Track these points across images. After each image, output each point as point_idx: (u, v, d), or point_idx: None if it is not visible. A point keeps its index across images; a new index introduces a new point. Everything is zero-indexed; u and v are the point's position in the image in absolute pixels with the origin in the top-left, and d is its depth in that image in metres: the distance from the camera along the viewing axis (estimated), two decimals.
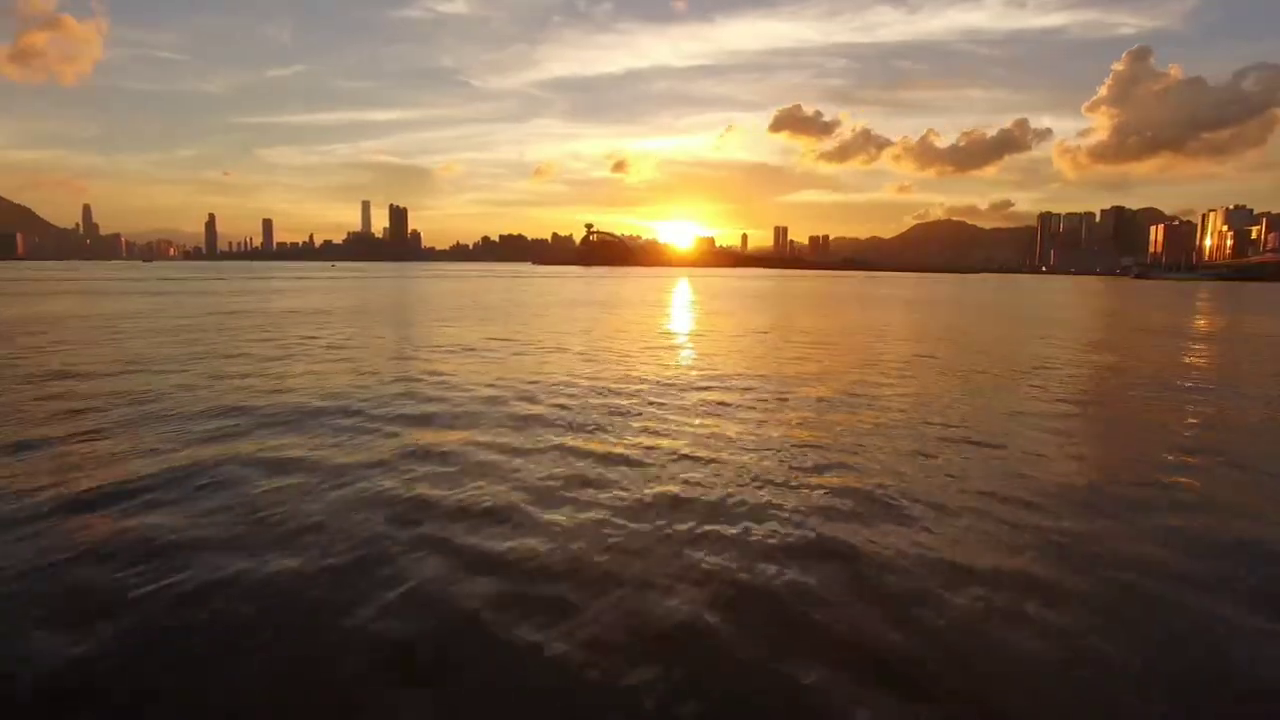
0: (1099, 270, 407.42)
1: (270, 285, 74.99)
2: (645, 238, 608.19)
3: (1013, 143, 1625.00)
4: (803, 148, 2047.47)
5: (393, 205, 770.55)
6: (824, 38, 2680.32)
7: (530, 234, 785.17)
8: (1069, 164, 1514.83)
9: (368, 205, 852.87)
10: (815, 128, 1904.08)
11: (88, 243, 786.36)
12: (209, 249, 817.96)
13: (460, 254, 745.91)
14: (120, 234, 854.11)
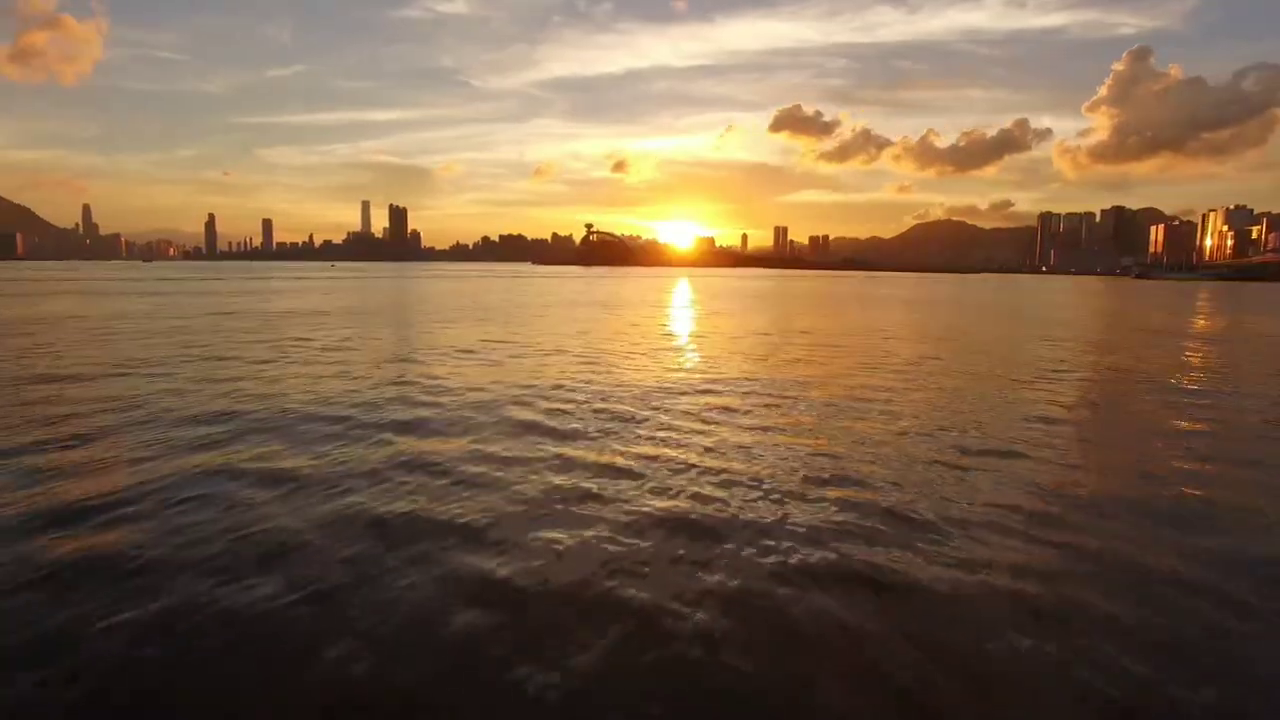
0: (1099, 270, 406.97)
1: (268, 285, 74.49)
2: (645, 238, 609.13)
3: (1013, 143, 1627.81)
4: (803, 148, 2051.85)
5: (392, 205, 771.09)
6: (824, 38, 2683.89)
7: (530, 234, 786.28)
8: (1069, 164, 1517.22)
9: (368, 205, 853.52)
10: (815, 128, 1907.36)
11: (87, 243, 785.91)
12: (209, 249, 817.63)
13: (460, 254, 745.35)
14: (120, 234, 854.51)
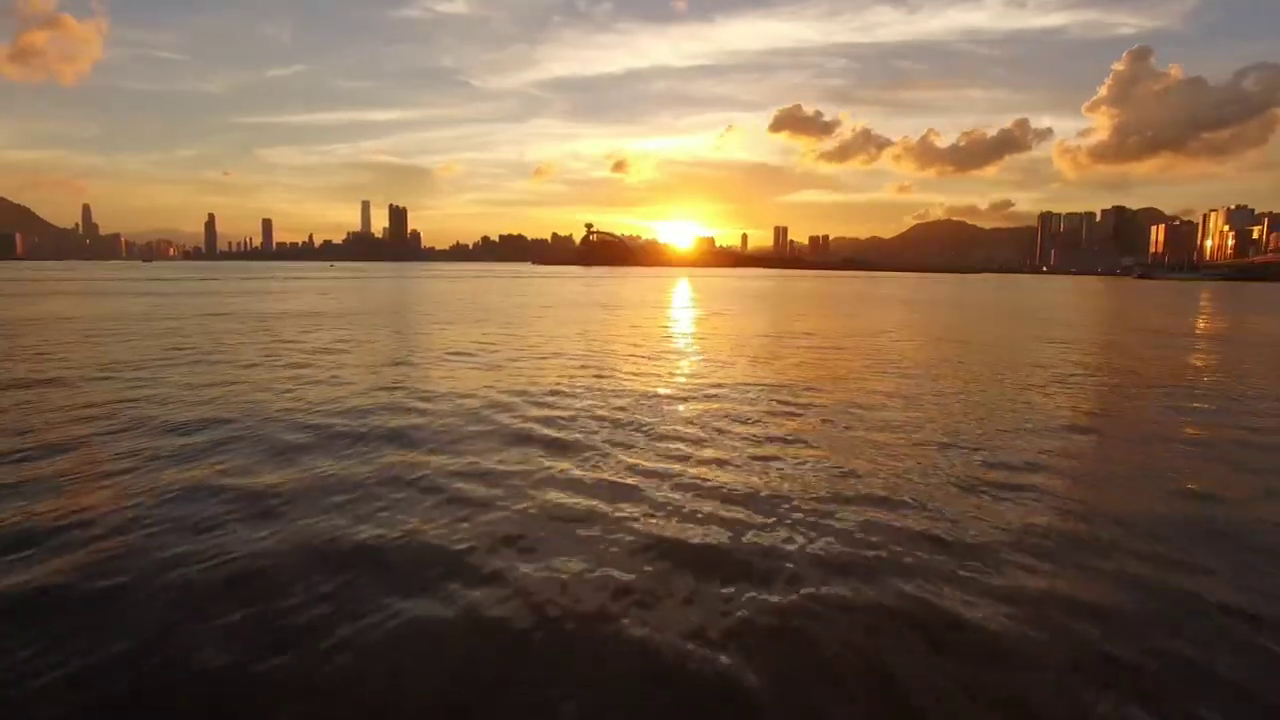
0: (1100, 270, 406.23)
1: (266, 286, 73.82)
2: (645, 238, 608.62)
3: (1013, 143, 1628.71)
4: (803, 148, 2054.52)
5: (392, 205, 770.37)
6: (824, 38, 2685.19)
7: (530, 234, 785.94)
8: (1069, 164, 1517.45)
9: (367, 205, 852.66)
10: (815, 128, 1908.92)
11: (87, 243, 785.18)
12: (209, 249, 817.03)
13: (460, 254, 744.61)
14: (120, 234, 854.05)
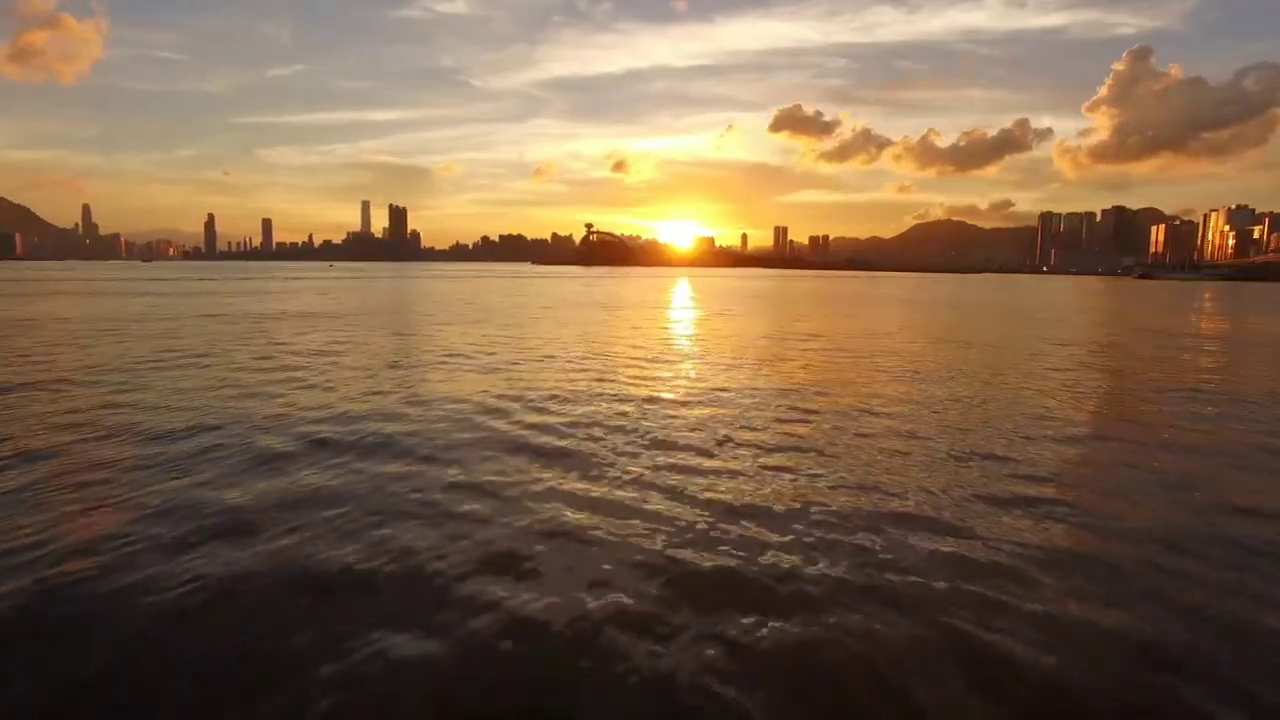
0: (1100, 270, 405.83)
1: (265, 286, 73.33)
2: (645, 238, 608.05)
3: (1013, 143, 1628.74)
4: (803, 148, 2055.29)
5: (392, 205, 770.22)
6: (824, 38, 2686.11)
7: (530, 234, 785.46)
8: (1069, 164, 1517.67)
9: (367, 205, 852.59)
10: (815, 128, 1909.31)
11: (87, 243, 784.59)
12: (208, 249, 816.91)
13: (460, 254, 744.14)
14: (120, 234, 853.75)
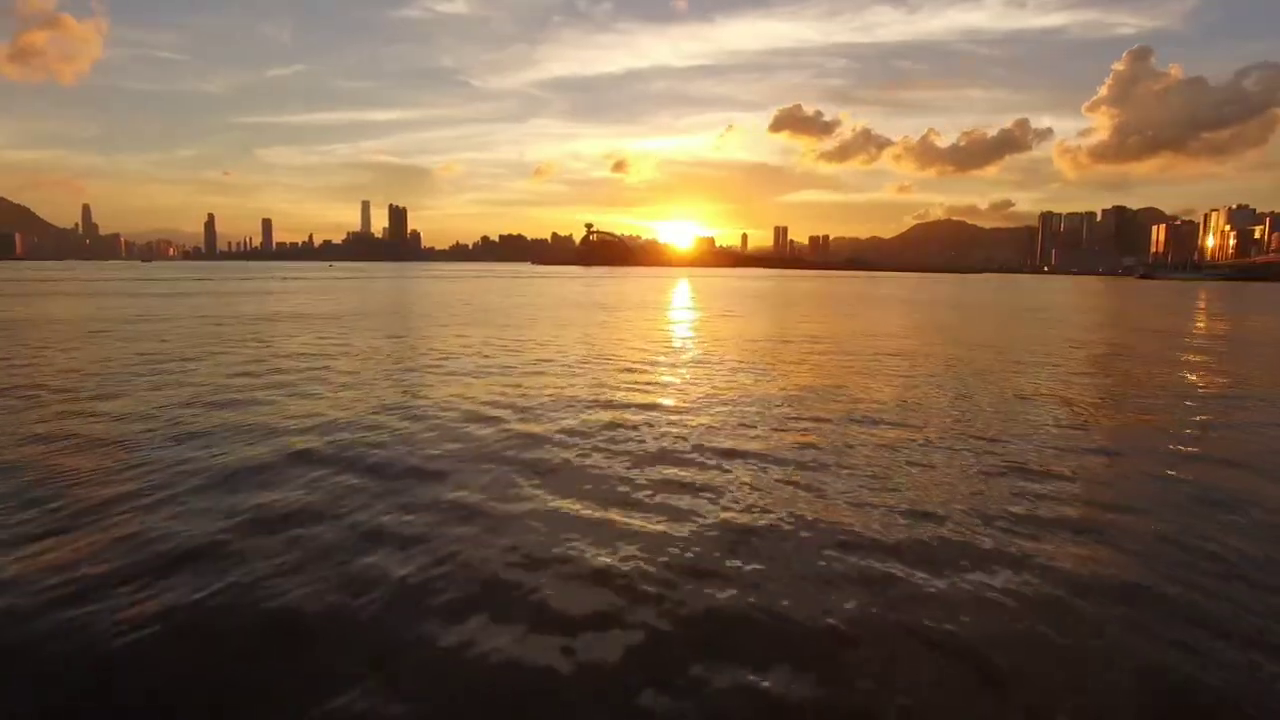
0: (1101, 270, 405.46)
1: (264, 286, 72.81)
2: (645, 238, 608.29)
3: (1013, 143, 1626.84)
4: (803, 148, 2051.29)
5: (392, 205, 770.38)
6: (824, 38, 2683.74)
7: (530, 234, 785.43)
8: (1069, 164, 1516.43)
9: (367, 205, 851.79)
10: (815, 128, 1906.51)
11: (87, 243, 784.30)
12: (208, 249, 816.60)
13: (460, 254, 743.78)
14: (120, 234, 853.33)
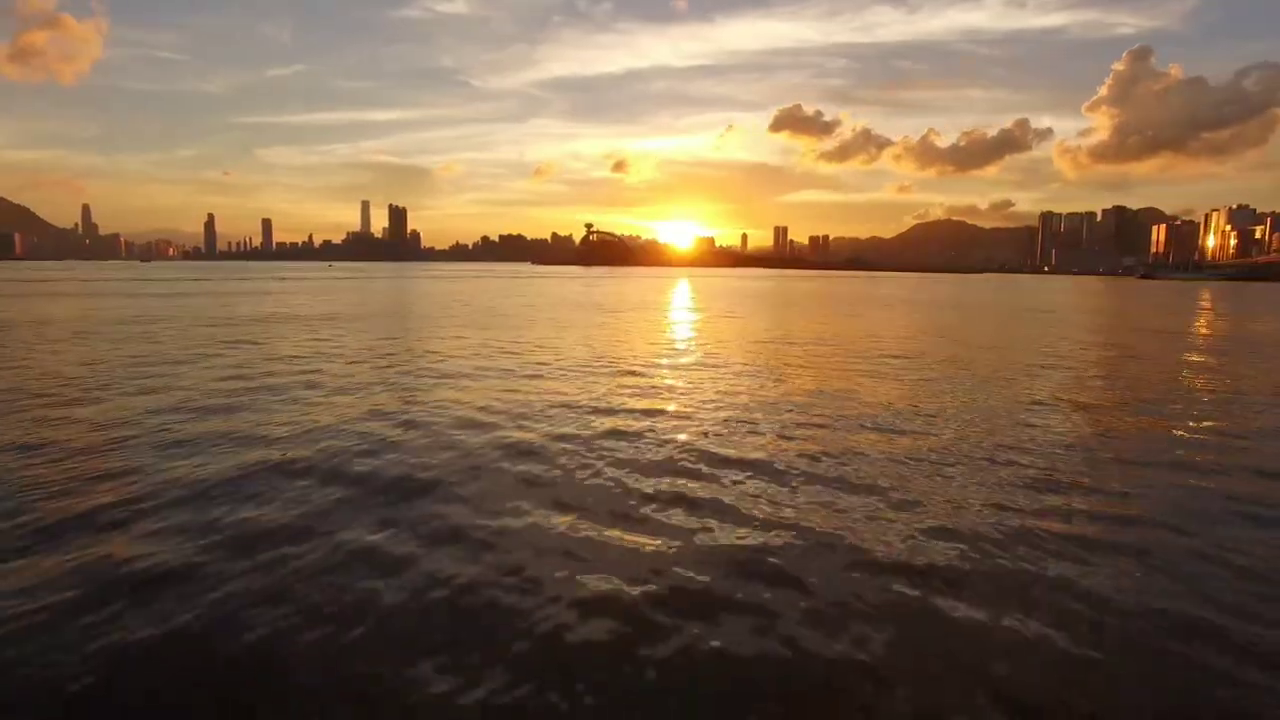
0: (1101, 270, 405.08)
1: (261, 286, 72.29)
2: (645, 238, 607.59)
3: (1013, 143, 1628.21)
4: (803, 148, 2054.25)
5: (392, 205, 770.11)
6: (824, 38, 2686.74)
7: (530, 234, 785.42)
8: (1069, 164, 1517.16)
9: (367, 205, 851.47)
10: (815, 128, 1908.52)
11: (87, 243, 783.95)
12: (208, 249, 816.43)
13: (460, 254, 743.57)
14: (119, 234, 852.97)
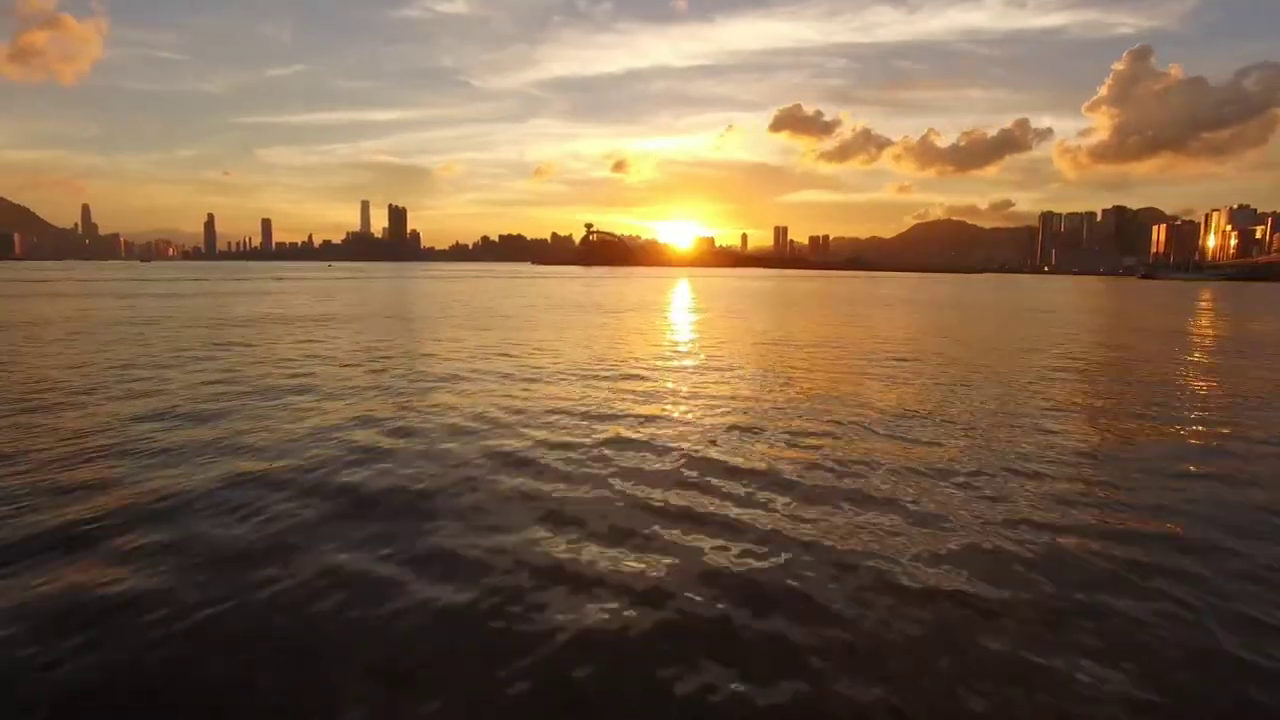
0: (1102, 270, 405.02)
1: (260, 287, 72.02)
2: (645, 238, 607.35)
3: (1013, 143, 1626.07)
4: (803, 148, 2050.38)
5: (392, 205, 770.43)
6: (824, 38, 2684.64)
7: (530, 234, 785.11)
8: (1069, 164, 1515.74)
9: (367, 205, 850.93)
10: (815, 128, 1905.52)
11: (86, 243, 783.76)
12: (208, 249, 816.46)
13: (460, 254, 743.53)
14: (119, 234, 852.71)
